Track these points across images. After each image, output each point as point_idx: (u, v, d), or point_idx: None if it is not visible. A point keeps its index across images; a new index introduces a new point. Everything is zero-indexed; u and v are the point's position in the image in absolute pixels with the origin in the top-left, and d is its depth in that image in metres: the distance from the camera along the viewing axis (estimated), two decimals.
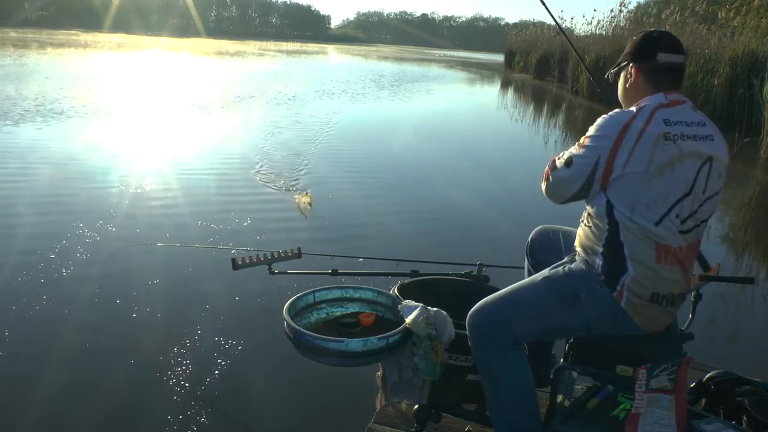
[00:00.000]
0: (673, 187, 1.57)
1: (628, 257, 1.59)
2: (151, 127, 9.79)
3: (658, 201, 1.56)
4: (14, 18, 57.08)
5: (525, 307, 1.71)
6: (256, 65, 27.66)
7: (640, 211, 1.57)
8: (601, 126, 1.62)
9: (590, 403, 1.67)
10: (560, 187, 1.69)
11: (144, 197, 5.63)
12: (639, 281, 1.59)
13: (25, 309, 3.30)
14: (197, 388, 2.70)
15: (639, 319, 1.62)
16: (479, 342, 1.73)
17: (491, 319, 1.71)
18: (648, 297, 1.60)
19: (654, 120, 1.57)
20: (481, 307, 1.75)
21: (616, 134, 1.57)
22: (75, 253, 4.10)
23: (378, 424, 2.21)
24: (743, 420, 1.63)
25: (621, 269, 1.60)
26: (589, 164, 1.60)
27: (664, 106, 1.61)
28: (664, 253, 1.59)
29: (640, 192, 1.56)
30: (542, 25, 30.60)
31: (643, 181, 1.55)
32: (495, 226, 5.53)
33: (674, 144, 1.56)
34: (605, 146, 1.57)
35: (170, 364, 2.86)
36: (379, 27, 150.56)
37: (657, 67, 1.67)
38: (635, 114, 1.59)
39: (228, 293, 3.59)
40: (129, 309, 3.39)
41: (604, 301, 1.62)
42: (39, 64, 19.26)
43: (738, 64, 12.89)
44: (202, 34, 66.42)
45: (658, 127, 1.56)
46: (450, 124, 13.14)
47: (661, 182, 1.55)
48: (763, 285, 4.69)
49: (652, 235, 1.58)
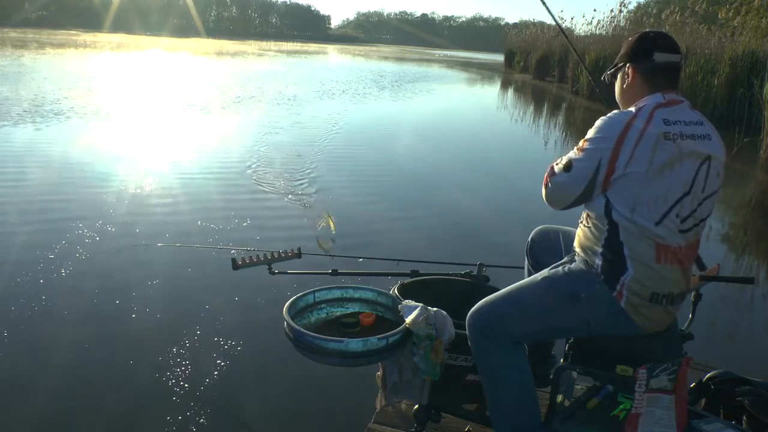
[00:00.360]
0: (673, 187, 1.57)
1: (628, 257, 1.59)
2: (151, 128, 9.79)
3: (659, 201, 1.56)
4: (14, 18, 57.08)
5: (525, 307, 1.71)
6: (256, 65, 27.66)
7: (641, 211, 1.57)
8: (601, 128, 1.61)
9: (590, 403, 1.68)
10: (560, 193, 1.68)
11: (144, 197, 5.63)
12: (639, 281, 1.59)
13: (25, 309, 3.30)
14: (197, 387, 2.70)
15: (639, 319, 1.62)
16: (479, 342, 1.73)
17: (491, 318, 1.71)
18: (648, 297, 1.60)
19: (654, 120, 1.57)
20: (481, 307, 1.75)
21: (617, 135, 1.56)
22: (75, 253, 4.10)
23: (378, 424, 2.21)
24: (743, 420, 1.63)
25: (621, 269, 1.60)
26: (590, 168, 1.59)
27: (662, 106, 1.61)
28: (664, 252, 1.59)
29: (640, 192, 1.56)
30: (542, 25, 30.63)
31: (644, 181, 1.55)
32: (495, 226, 5.53)
33: (674, 143, 1.56)
34: (607, 147, 1.57)
35: (170, 363, 2.86)
36: (379, 27, 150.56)
37: (654, 67, 1.68)
38: (635, 114, 1.59)
39: (228, 293, 3.59)
40: (129, 309, 3.39)
41: (603, 300, 1.62)
42: (38, 64, 19.26)
43: (738, 64, 12.88)
44: (202, 35, 66.42)
45: (658, 127, 1.56)
46: (450, 125, 13.14)
47: (662, 182, 1.56)
48: (763, 285, 4.69)
49: (652, 234, 1.57)
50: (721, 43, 14.47)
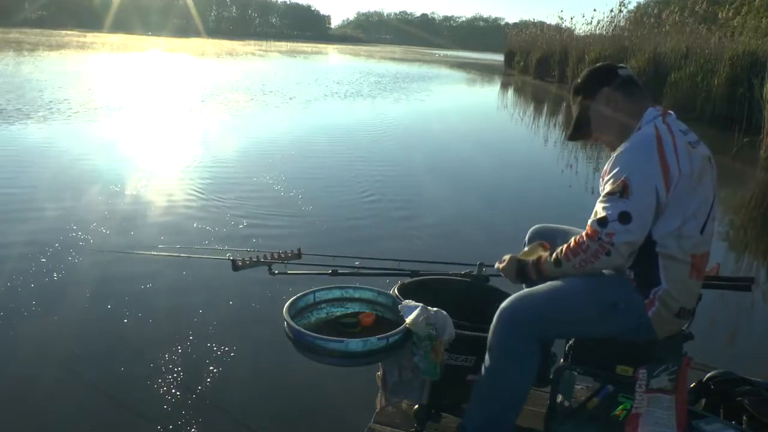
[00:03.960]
0: (707, 193, 1.58)
1: (663, 272, 1.57)
2: (150, 129, 9.78)
3: (702, 207, 1.56)
4: (14, 18, 57.06)
5: (565, 312, 1.65)
6: (256, 66, 27.65)
7: (689, 222, 1.54)
8: (633, 156, 1.52)
9: (590, 403, 1.68)
10: (631, 247, 1.54)
11: (144, 199, 5.62)
12: (671, 295, 1.57)
13: (24, 308, 3.30)
14: (197, 387, 2.70)
15: (659, 329, 1.61)
16: (505, 336, 1.67)
17: (531, 318, 1.65)
18: (676, 311, 1.60)
19: (673, 130, 1.57)
20: (521, 303, 1.68)
21: (655, 152, 1.51)
22: (74, 253, 4.10)
23: (378, 424, 2.21)
24: (743, 420, 1.64)
25: (653, 282, 1.58)
26: (650, 203, 1.49)
27: (665, 116, 1.62)
28: (697, 268, 1.59)
29: (689, 202, 1.54)
30: (542, 25, 30.64)
31: (692, 191, 1.54)
32: (495, 226, 5.53)
33: (697, 150, 1.58)
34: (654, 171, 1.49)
35: (170, 363, 2.86)
36: (379, 27, 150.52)
37: (625, 81, 1.68)
38: (655, 127, 1.56)
39: (228, 294, 3.59)
40: (130, 309, 3.39)
41: (637, 311, 1.59)
42: (37, 65, 19.24)
43: (738, 64, 12.88)
44: (202, 35, 66.33)
45: (680, 137, 1.57)
46: (449, 125, 13.13)
47: (702, 189, 1.56)
48: (763, 285, 4.69)
49: (691, 246, 1.56)
50: (721, 43, 14.48)
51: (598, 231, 1.52)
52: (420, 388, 1.92)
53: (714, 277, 1.97)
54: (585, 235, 1.56)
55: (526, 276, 1.77)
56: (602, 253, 1.53)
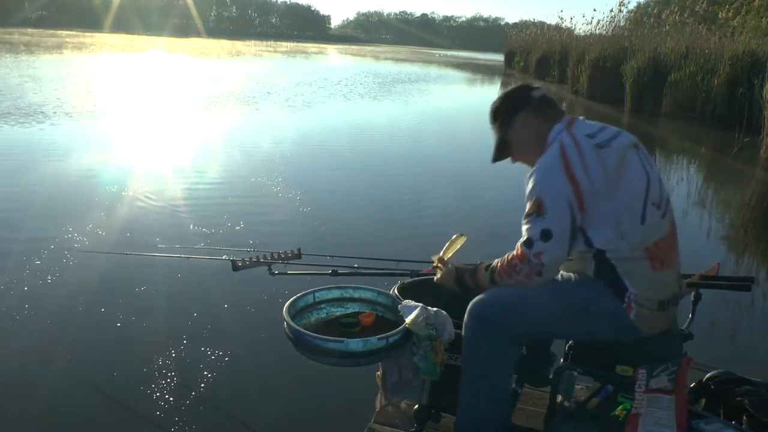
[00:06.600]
0: (635, 182, 1.59)
1: (624, 276, 1.59)
2: (150, 129, 9.78)
3: (633, 200, 1.57)
4: (14, 18, 57.09)
5: (533, 309, 1.67)
6: (256, 66, 27.64)
7: (625, 218, 1.56)
8: (542, 176, 1.57)
9: (590, 403, 1.68)
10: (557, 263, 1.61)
11: (144, 199, 5.62)
12: (643, 295, 1.58)
13: (24, 309, 3.31)
14: (197, 387, 2.70)
15: (645, 327, 1.62)
16: (475, 331, 1.71)
17: (498, 312, 1.68)
18: (656, 306, 1.60)
19: (578, 137, 1.59)
20: (487, 298, 1.71)
21: (561, 166, 1.55)
22: (74, 254, 4.10)
23: (378, 424, 2.21)
24: (743, 420, 1.63)
25: (622, 288, 1.60)
26: (566, 218, 1.54)
27: (570, 126, 1.64)
28: (659, 260, 1.59)
29: (614, 202, 1.55)
30: (542, 25, 30.63)
31: (612, 191, 1.55)
32: (495, 226, 5.52)
33: (609, 148, 1.59)
34: (563, 186, 1.53)
35: (170, 364, 2.86)
36: (379, 27, 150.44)
37: (539, 102, 1.72)
38: (559, 141, 1.60)
39: (228, 294, 3.59)
40: (129, 309, 3.39)
41: (615, 313, 1.60)
42: (36, 65, 19.23)
43: (738, 64, 12.88)
44: (202, 35, 66.36)
45: (586, 141, 1.59)
46: (450, 125, 13.14)
47: (625, 183, 1.57)
48: (763, 285, 4.68)
49: (638, 242, 1.56)
50: (721, 43, 14.48)
51: (526, 253, 1.59)
52: (420, 388, 1.92)
53: (714, 277, 1.96)
54: (516, 257, 1.62)
55: (465, 286, 1.82)
56: (534, 274, 1.60)
